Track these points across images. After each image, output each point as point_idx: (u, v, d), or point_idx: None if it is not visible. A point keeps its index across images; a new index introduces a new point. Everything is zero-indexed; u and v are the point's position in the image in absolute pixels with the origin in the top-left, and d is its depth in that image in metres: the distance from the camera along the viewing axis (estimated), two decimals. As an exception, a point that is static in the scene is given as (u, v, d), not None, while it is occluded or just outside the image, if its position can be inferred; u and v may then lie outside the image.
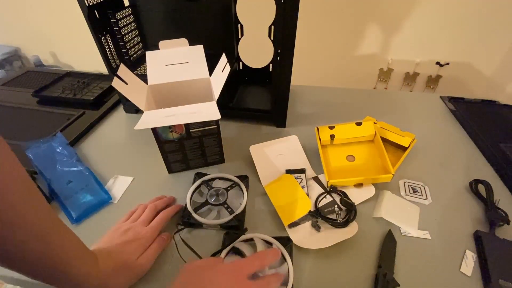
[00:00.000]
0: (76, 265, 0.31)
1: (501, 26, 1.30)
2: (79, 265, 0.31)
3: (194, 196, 0.50)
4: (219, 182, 0.52)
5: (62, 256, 0.29)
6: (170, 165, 0.54)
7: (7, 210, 0.24)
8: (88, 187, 0.51)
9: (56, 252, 0.28)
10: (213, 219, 0.45)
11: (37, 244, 0.27)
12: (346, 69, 1.62)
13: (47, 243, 0.28)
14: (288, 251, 0.40)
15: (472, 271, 0.40)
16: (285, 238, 0.42)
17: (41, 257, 0.27)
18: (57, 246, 0.29)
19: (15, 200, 0.25)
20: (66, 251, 0.30)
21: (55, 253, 0.28)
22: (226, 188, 0.50)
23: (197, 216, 0.45)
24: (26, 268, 0.28)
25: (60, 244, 0.29)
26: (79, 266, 0.31)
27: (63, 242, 0.30)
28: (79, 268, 0.31)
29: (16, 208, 0.25)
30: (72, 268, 0.30)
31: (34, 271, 0.28)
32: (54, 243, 0.28)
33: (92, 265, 0.33)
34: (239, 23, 0.68)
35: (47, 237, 0.28)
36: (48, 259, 0.28)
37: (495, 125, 0.66)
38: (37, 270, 0.28)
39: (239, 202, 0.48)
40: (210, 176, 0.52)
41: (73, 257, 0.31)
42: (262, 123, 0.68)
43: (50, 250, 0.28)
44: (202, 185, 0.51)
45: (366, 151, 0.57)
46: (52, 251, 0.28)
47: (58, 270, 0.29)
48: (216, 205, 0.47)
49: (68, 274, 0.30)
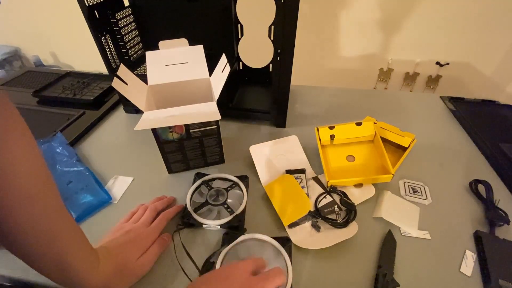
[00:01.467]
0: (79, 258, 0.31)
1: (501, 26, 1.30)
2: (83, 259, 0.31)
3: (194, 196, 0.50)
4: (219, 182, 0.52)
5: (68, 251, 0.29)
6: (170, 166, 0.54)
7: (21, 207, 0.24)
8: (88, 188, 0.51)
9: (62, 247, 0.28)
10: (213, 219, 0.45)
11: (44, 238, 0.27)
12: (346, 69, 1.61)
13: (53, 238, 0.27)
14: (287, 251, 0.40)
15: (472, 271, 0.40)
16: (284, 238, 0.42)
17: (46, 251, 0.27)
18: (65, 241, 0.29)
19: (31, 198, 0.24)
20: (72, 246, 0.30)
21: (61, 247, 0.28)
22: (226, 188, 0.50)
23: (197, 216, 0.45)
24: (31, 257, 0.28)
25: (68, 239, 0.29)
26: (82, 260, 0.31)
27: (70, 238, 0.30)
28: (83, 263, 0.31)
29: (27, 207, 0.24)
30: (75, 262, 0.30)
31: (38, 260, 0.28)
32: (62, 239, 0.28)
33: (94, 262, 0.33)
34: (239, 23, 0.68)
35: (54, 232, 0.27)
36: (54, 254, 0.28)
37: (495, 125, 0.66)
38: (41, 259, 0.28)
39: (239, 202, 0.48)
40: (210, 176, 0.52)
41: (78, 252, 0.31)
42: (262, 123, 0.68)
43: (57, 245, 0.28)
44: (202, 185, 0.51)
45: (366, 151, 0.57)
46: (59, 245, 0.28)
47: (62, 262, 0.29)
48: (216, 205, 0.47)
49: (71, 267, 0.30)
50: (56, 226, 0.28)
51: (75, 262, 0.30)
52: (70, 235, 0.30)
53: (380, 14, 1.38)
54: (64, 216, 0.29)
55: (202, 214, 0.47)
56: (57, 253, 0.28)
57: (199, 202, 0.48)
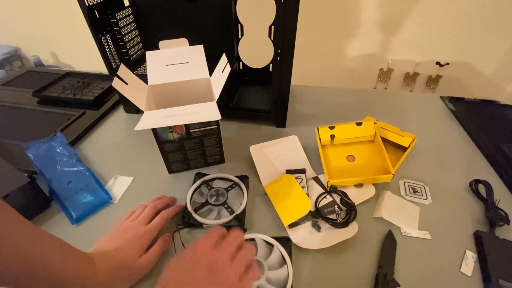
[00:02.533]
0: (70, 269, 0.31)
1: (501, 26, 1.30)
2: (74, 269, 0.31)
3: (194, 196, 0.50)
4: (220, 182, 0.52)
5: (53, 264, 0.29)
6: (171, 165, 0.54)
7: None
8: (88, 187, 0.51)
9: (43, 262, 0.28)
10: (213, 219, 0.45)
11: (21, 262, 0.26)
12: (346, 69, 1.61)
13: (30, 258, 0.27)
14: (287, 251, 0.40)
15: (472, 271, 0.40)
16: (285, 238, 0.42)
17: (28, 271, 0.27)
18: (43, 256, 0.28)
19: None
20: (55, 259, 0.30)
21: (42, 263, 0.28)
22: (226, 188, 0.50)
23: (197, 216, 0.45)
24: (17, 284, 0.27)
25: (46, 254, 0.29)
26: (73, 270, 0.31)
27: (49, 251, 0.29)
28: (74, 272, 0.31)
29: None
30: (66, 273, 0.30)
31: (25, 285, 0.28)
32: (38, 256, 0.28)
33: (88, 268, 0.33)
34: (239, 23, 0.68)
35: (28, 253, 0.27)
36: (37, 272, 0.28)
37: (495, 125, 0.66)
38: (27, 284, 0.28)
39: (239, 202, 0.48)
40: (210, 176, 0.52)
41: (65, 263, 0.31)
42: (262, 123, 0.68)
43: (36, 263, 0.28)
44: (202, 185, 0.51)
45: (366, 151, 0.57)
46: (39, 263, 0.28)
47: (52, 279, 0.29)
48: (216, 205, 0.47)
49: (64, 281, 0.30)
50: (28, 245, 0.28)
51: (67, 273, 0.30)
52: (49, 246, 0.30)
53: (380, 14, 1.38)
54: (33, 232, 0.29)
55: (202, 214, 0.47)
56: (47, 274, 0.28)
57: (200, 202, 0.48)
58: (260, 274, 0.36)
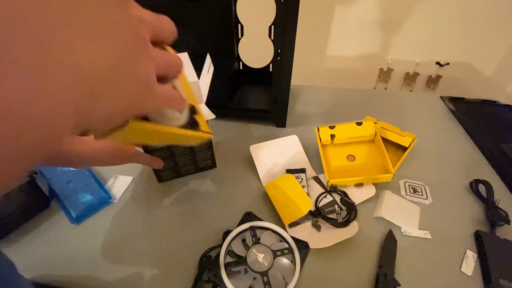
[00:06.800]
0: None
1: (501, 26, 1.30)
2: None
3: (233, 243, 0.39)
4: (269, 236, 0.40)
5: None
6: (160, 174, 0.52)
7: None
8: (88, 187, 0.51)
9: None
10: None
11: None
12: (346, 69, 1.61)
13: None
14: (302, 257, 0.37)
15: (472, 271, 0.40)
16: (303, 243, 0.38)
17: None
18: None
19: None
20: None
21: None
22: (275, 251, 0.37)
23: (225, 277, 0.34)
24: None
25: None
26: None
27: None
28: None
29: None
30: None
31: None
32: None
33: None
34: (239, 23, 0.68)
35: None
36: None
37: (495, 125, 0.66)
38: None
39: (282, 276, 0.35)
40: (263, 223, 0.41)
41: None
42: (262, 123, 0.68)
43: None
44: (248, 231, 0.40)
45: (366, 151, 0.57)
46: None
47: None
48: (256, 272, 0.35)
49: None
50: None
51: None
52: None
53: (380, 14, 1.38)
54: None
55: (231, 273, 0.36)
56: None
57: (237, 254, 0.37)
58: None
